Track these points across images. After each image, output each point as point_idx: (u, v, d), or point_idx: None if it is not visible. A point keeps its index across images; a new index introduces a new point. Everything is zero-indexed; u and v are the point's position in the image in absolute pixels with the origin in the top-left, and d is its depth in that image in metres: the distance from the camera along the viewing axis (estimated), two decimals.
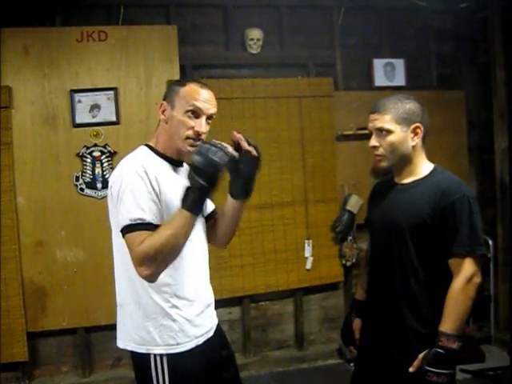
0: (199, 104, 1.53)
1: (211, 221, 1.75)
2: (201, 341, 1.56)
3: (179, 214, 1.38)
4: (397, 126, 1.66)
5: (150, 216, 1.42)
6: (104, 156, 3.05)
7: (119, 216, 1.44)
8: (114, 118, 3.05)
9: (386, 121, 1.66)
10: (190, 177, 1.39)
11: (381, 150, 1.69)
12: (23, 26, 2.94)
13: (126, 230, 1.41)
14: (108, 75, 3.05)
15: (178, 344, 1.51)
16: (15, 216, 2.91)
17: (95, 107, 3.03)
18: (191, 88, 1.55)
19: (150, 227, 1.40)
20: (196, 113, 1.53)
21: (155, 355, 1.49)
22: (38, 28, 2.97)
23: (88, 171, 3.03)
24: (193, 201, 1.37)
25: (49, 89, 2.97)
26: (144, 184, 1.45)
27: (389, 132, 1.66)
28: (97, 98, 3.03)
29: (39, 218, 2.96)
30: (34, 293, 2.94)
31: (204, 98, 1.54)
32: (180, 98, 1.54)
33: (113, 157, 3.04)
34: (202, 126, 1.53)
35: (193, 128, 1.52)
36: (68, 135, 3.00)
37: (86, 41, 3.00)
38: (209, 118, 1.57)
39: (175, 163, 1.60)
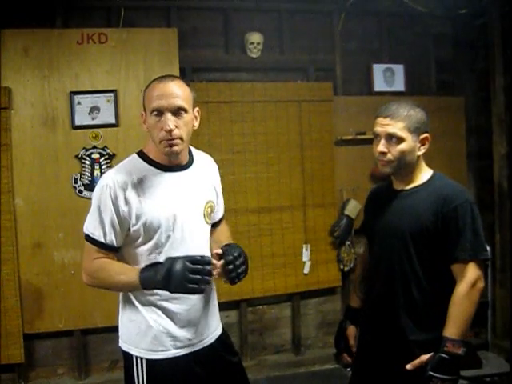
0: (158, 101, 1.43)
1: (216, 228, 1.79)
2: (181, 352, 1.53)
3: (131, 275, 1.44)
4: (409, 135, 1.63)
5: (101, 235, 1.47)
6: (103, 158, 3.05)
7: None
8: (113, 121, 3.05)
9: (399, 128, 1.62)
10: (164, 273, 1.40)
11: (388, 157, 1.64)
12: (23, 28, 2.94)
13: (84, 237, 1.52)
14: (108, 77, 3.05)
15: (151, 350, 1.51)
16: (13, 217, 2.90)
17: (95, 109, 3.03)
18: (151, 86, 1.49)
19: (99, 245, 1.47)
20: (159, 111, 1.43)
21: (136, 356, 1.52)
22: (39, 29, 2.97)
23: (87, 173, 3.03)
24: (150, 285, 1.44)
25: (48, 90, 2.97)
26: (104, 203, 1.46)
27: (401, 140, 1.62)
28: (96, 100, 3.03)
29: (37, 220, 2.95)
30: (30, 294, 2.94)
31: (162, 92, 1.43)
32: (146, 101, 1.49)
33: (112, 159, 3.04)
34: (166, 123, 1.42)
35: (161, 128, 1.44)
36: (67, 137, 3.00)
37: (86, 43, 3.01)
38: (179, 110, 1.44)
39: (168, 169, 1.54)
